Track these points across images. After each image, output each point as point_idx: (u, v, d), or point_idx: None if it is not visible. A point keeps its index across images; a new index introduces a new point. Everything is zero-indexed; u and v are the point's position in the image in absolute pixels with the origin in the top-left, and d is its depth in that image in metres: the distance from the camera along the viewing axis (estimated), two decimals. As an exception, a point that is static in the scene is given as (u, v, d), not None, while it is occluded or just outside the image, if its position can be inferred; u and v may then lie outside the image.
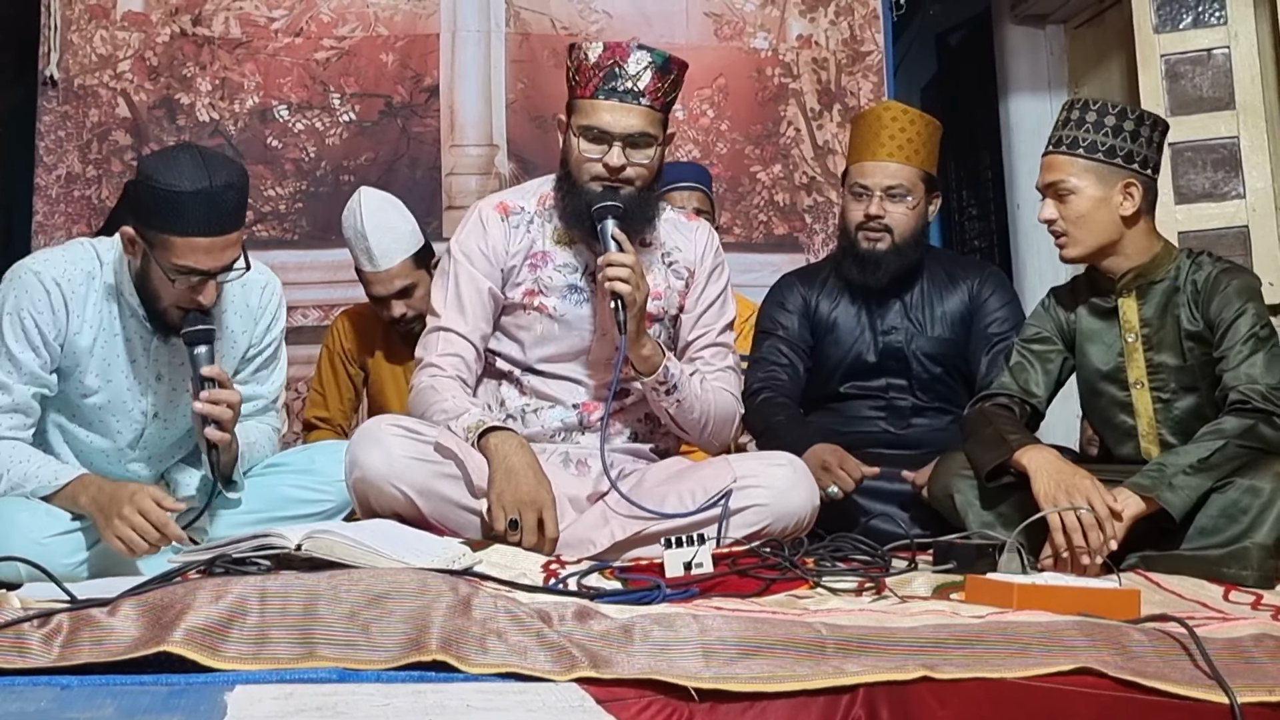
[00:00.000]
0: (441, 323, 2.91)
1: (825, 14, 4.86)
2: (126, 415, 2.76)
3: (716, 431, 2.96)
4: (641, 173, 2.83)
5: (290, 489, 2.85)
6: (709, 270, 3.02)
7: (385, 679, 1.75)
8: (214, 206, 2.51)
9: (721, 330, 3.02)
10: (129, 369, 2.73)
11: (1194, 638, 1.88)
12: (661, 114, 2.85)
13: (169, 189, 2.49)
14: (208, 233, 2.51)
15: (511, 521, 2.58)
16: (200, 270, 2.55)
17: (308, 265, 4.42)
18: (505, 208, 2.97)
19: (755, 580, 2.38)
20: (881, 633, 1.89)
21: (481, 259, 2.92)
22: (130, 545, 2.46)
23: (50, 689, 1.68)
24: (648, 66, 2.80)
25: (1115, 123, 2.82)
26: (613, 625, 1.89)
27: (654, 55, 2.82)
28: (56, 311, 2.63)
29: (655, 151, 2.84)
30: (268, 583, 1.90)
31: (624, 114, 2.79)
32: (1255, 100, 4.30)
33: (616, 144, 2.79)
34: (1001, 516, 2.76)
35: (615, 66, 2.79)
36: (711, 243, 3.06)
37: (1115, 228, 2.84)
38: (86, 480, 2.58)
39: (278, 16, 4.62)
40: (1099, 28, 5.19)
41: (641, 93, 2.79)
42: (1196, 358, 2.82)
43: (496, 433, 2.67)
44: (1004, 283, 3.65)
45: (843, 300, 3.55)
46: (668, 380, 2.83)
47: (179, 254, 2.52)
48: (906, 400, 3.51)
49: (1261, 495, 2.57)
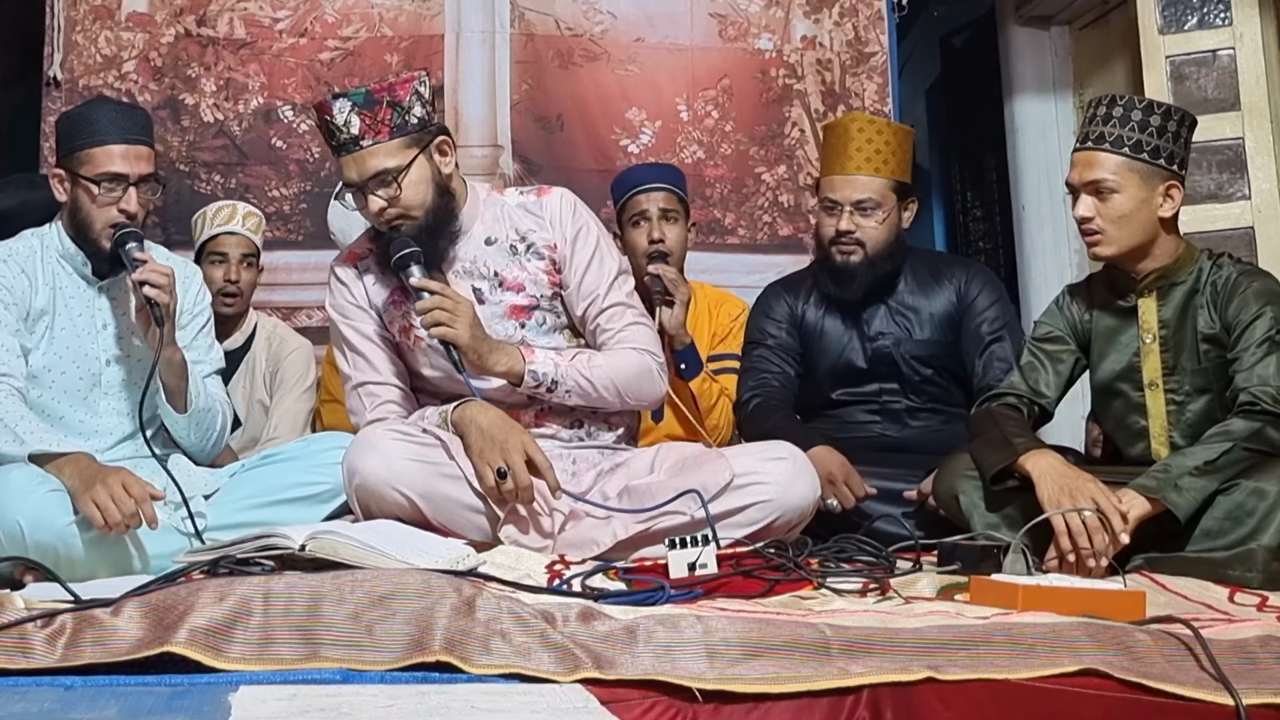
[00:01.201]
0: (355, 381, 2.94)
1: (830, 15, 4.85)
2: (84, 361, 2.90)
3: (633, 393, 2.90)
4: (404, 202, 2.79)
5: (287, 474, 2.87)
6: (571, 237, 2.96)
7: (389, 680, 1.75)
8: (122, 116, 2.90)
9: (609, 289, 2.95)
10: (79, 320, 2.91)
11: (1199, 639, 1.88)
12: (400, 137, 2.79)
13: (81, 112, 2.94)
14: (120, 140, 2.84)
15: (500, 471, 2.60)
16: (120, 174, 2.83)
17: (311, 266, 4.41)
18: (355, 256, 3.00)
19: (759, 581, 2.38)
20: (886, 634, 1.89)
21: (356, 311, 2.96)
22: (104, 512, 2.50)
23: (54, 689, 1.68)
24: (351, 110, 2.77)
25: (1160, 122, 2.79)
26: (616, 626, 1.89)
27: (351, 96, 2.79)
28: (16, 278, 2.87)
29: (404, 177, 2.79)
30: (271, 583, 1.90)
31: (354, 164, 2.80)
32: (1260, 101, 4.30)
33: (364, 194, 2.80)
34: (1006, 518, 2.75)
35: (329, 125, 2.80)
36: (565, 207, 2.98)
37: (1152, 228, 2.82)
38: (78, 457, 2.66)
39: (282, 17, 4.62)
40: (1103, 29, 5.18)
41: (358, 137, 2.78)
42: (1212, 360, 2.81)
43: (459, 408, 2.74)
44: (991, 280, 3.63)
45: (829, 307, 3.56)
46: (541, 380, 2.81)
47: (99, 162, 2.83)
48: (900, 403, 3.52)
49: (1268, 498, 2.56)
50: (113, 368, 2.93)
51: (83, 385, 2.90)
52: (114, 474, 2.57)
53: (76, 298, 2.93)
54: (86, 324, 2.93)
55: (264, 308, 4.35)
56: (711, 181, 4.72)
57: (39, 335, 2.87)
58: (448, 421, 2.76)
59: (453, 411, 2.76)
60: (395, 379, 2.94)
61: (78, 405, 2.89)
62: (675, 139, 4.73)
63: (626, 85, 4.70)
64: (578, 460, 2.91)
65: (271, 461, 2.93)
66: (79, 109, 2.99)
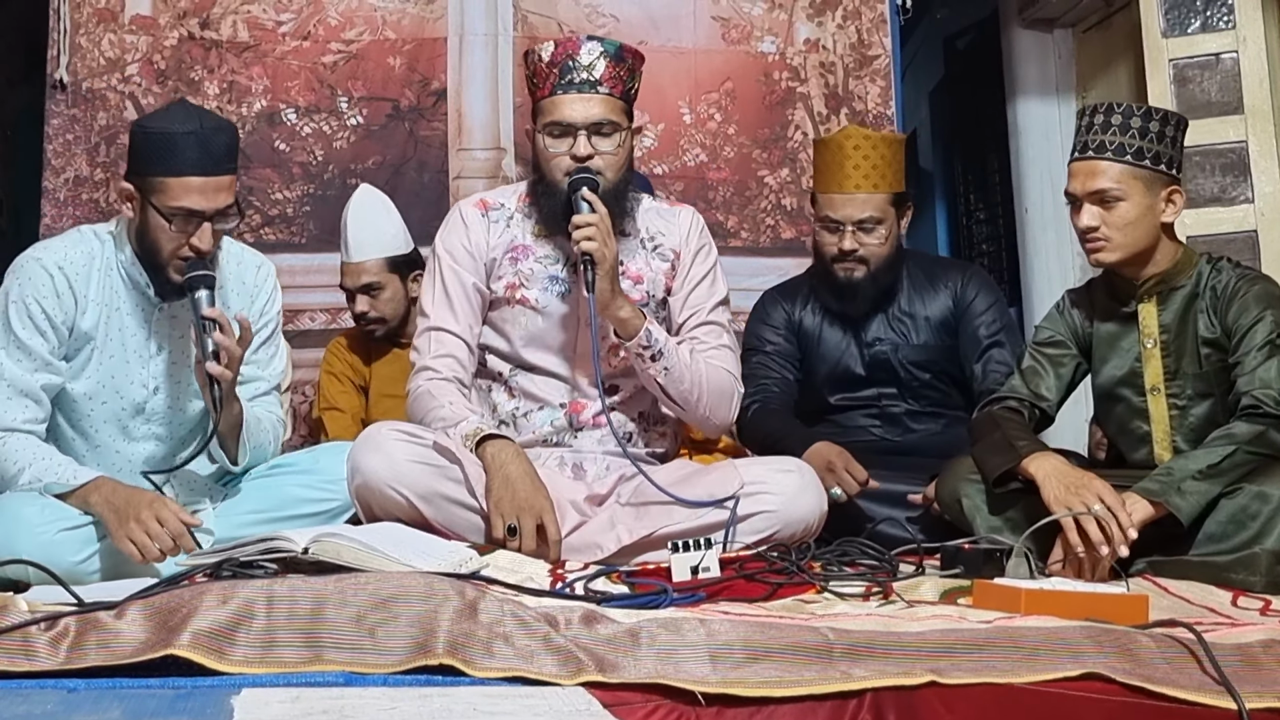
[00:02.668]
0: (432, 322, 2.93)
1: (833, 18, 4.85)
2: (129, 388, 2.78)
3: (713, 406, 2.92)
4: (611, 161, 2.84)
5: (295, 488, 2.84)
6: (695, 250, 3.03)
7: (392, 683, 1.75)
8: (205, 147, 2.63)
9: (712, 309, 3.01)
10: (131, 342, 2.78)
11: (1202, 643, 1.88)
12: (623, 102, 2.87)
13: (162, 132, 2.63)
14: (200, 172, 2.61)
15: (510, 528, 2.59)
16: (195, 210, 2.63)
17: (314, 269, 4.41)
18: (485, 204, 3.01)
19: (762, 585, 2.38)
20: (889, 637, 1.89)
21: (465, 255, 2.95)
22: (143, 550, 2.45)
23: (57, 692, 1.68)
24: (600, 55, 2.83)
25: (1159, 128, 2.79)
26: (619, 629, 1.88)
27: (605, 44, 2.87)
28: (62, 295, 2.70)
29: (621, 139, 2.86)
30: (275, 586, 1.90)
31: (584, 104, 2.82)
32: (1264, 105, 4.30)
33: (581, 134, 2.82)
34: (1009, 521, 2.75)
35: (569, 60, 2.83)
36: (696, 224, 3.07)
37: (1155, 234, 2.83)
38: (101, 482, 2.59)
39: (285, 20, 4.62)
40: (1107, 32, 5.18)
41: (599, 81, 2.82)
42: (1213, 364, 2.81)
43: (493, 441, 2.70)
44: (987, 282, 3.63)
45: (826, 314, 3.56)
46: (651, 345, 2.81)
47: (174, 195, 2.61)
48: (899, 407, 3.52)
49: (1271, 501, 2.56)
50: (160, 396, 2.81)
51: (124, 414, 2.79)
52: (146, 505, 2.49)
53: (133, 316, 2.78)
54: (138, 348, 2.79)
55: (267, 311, 4.35)
56: (714, 184, 4.72)
57: (84, 359, 2.74)
58: (472, 441, 2.72)
59: (485, 441, 2.71)
60: (468, 335, 2.94)
61: (115, 433, 2.80)
62: (678, 142, 4.73)
63: (629, 88, 4.71)
64: (611, 466, 2.92)
65: (280, 473, 2.89)
66: (158, 124, 2.67)
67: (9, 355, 2.68)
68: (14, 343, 2.68)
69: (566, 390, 2.93)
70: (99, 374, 2.76)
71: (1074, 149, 2.87)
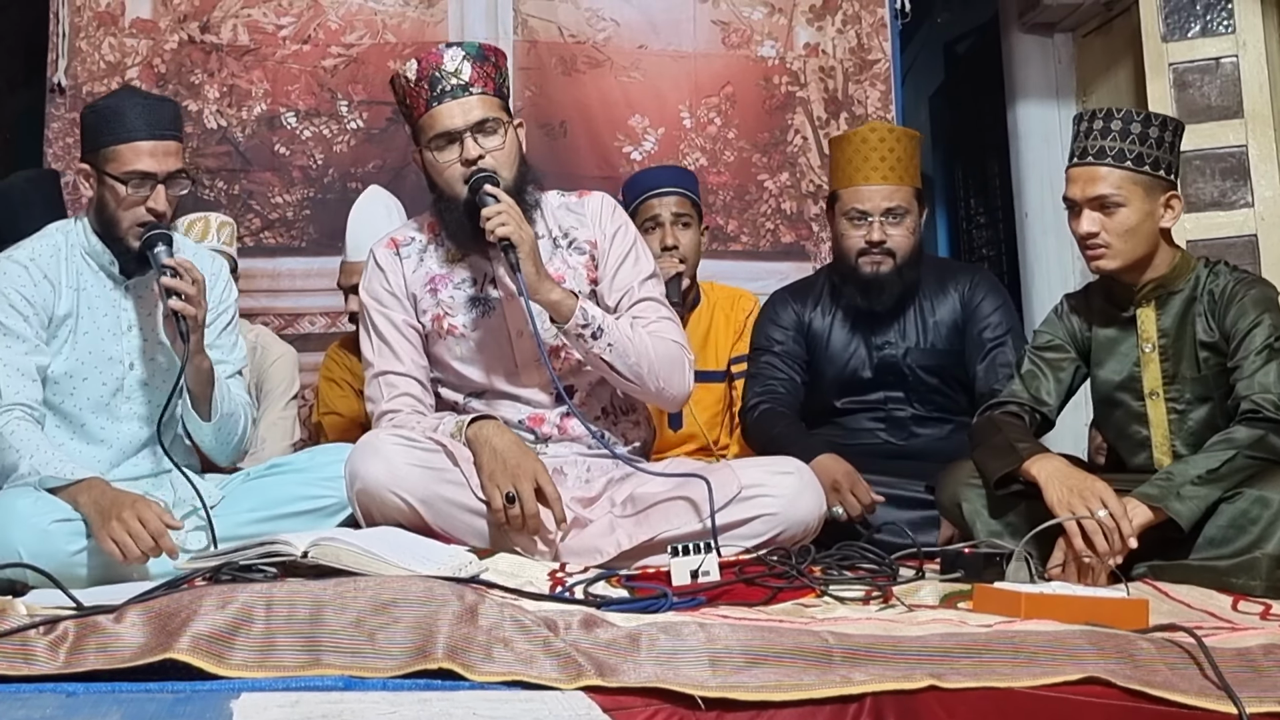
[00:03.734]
0: (377, 369, 2.95)
1: (833, 22, 4.86)
2: (106, 364, 2.87)
3: (665, 376, 2.88)
4: (502, 157, 2.84)
5: (292, 486, 2.86)
6: (610, 234, 3.01)
7: (391, 687, 1.74)
8: (151, 112, 2.80)
9: (643, 283, 2.98)
10: (104, 322, 2.88)
11: (1202, 648, 1.88)
12: (498, 98, 2.87)
13: (108, 106, 2.82)
14: (149, 136, 2.76)
15: (508, 495, 2.61)
16: (148, 173, 2.76)
17: (315, 272, 4.42)
18: (395, 242, 3.02)
19: (762, 589, 2.38)
20: (889, 642, 1.89)
21: (389, 297, 2.97)
22: (122, 548, 2.47)
23: (56, 696, 1.68)
24: (464, 59, 2.84)
25: (1158, 134, 2.78)
26: (619, 634, 1.88)
27: (466, 47, 2.87)
28: (38, 284, 2.83)
29: (507, 135, 2.85)
30: (274, 590, 1.90)
31: (461, 108, 2.82)
32: (1264, 109, 4.30)
33: (466, 137, 2.82)
34: (1009, 525, 2.75)
35: (435, 72, 2.83)
36: (606, 206, 3.05)
37: (1154, 239, 2.82)
38: (94, 482, 2.62)
39: (286, 24, 4.63)
40: (1107, 36, 5.18)
41: (469, 83, 2.83)
42: (1211, 368, 2.81)
43: (476, 423, 2.75)
44: (994, 285, 3.63)
45: (836, 316, 3.55)
46: (589, 322, 2.78)
47: (126, 160, 2.76)
48: (905, 411, 3.51)
49: (1271, 506, 2.56)
50: (136, 370, 2.90)
51: (105, 391, 2.87)
52: (129, 505, 2.52)
53: (102, 297, 2.89)
54: (111, 325, 2.89)
55: (267, 314, 4.36)
56: (714, 189, 4.73)
57: (61, 341, 2.84)
58: (462, 432, 2.76)
59: (468, 426, 2.76)
60: (416, 371, 2.95)
61: (99, 411, 2.87)
62: (678, 146, 4.74)
63: (629, 92, 4.71)
64: (592, 468, 2.92)
65: (277, 472, 2.91)
66: (105, 101, 2.88)
67: (1, 342, 2.78)
68: (1, 330, 2.79)
69: (521, 406, 2.93)
70: (77, 352, 2.85)
71: (1072, 155, 2.86)
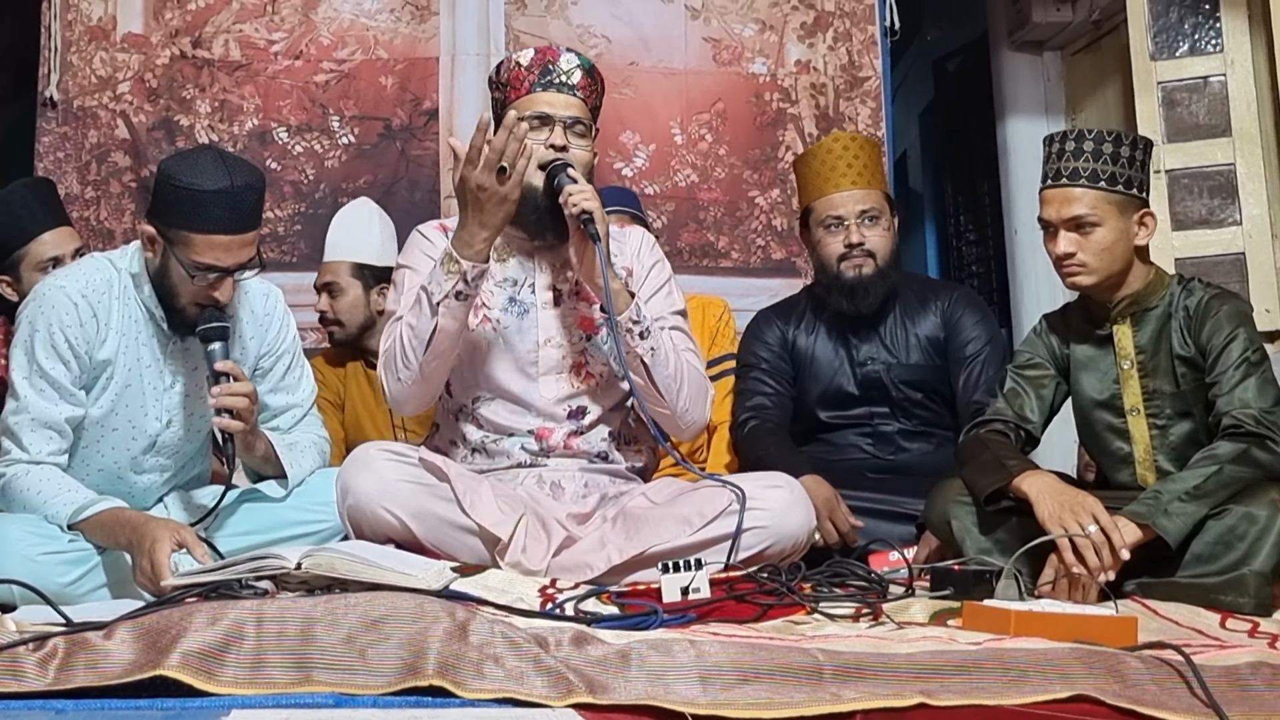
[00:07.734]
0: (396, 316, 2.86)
1: (824, 40, 4.88)
2: (142, 420, 2.78)
3: (692, 399, 2.87)
4: (582, 157, 2.84)
5: (286, 510, 2.84)
6: (649, 265, 3.03)
7: (382, 704, 1.74)
8: (234, 205, 2.59)
9: (674, 315, 2.99)
10: (147, 373, 2.78)
11: (1191, 665, 1.88)
12: (591, 112, 2.91)
13: (191, 188, 2.56)
14: (228, 230, 2.59)
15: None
16: (219, 267, 2.62)
17: (305, 288, 4.40)
18: (445, 228, 3.00)
19: (752, 606, 2.37)
20: (878, 659, 1.89)
21: (429, 263, 2.88)
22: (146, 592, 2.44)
23: (45, 713, 1.68)
24: (577, 66, 2.89)
25: (1129, 153, 2.82)
26: (610, 650, 1.88)
27: (581, 59, 2.92)
28: (85, 324, 2.69)
29: (590, 144, 2.89)
30: (264, 606, 1.89)
31: (563, 101, 2.85)
32: (1251, 127, 4.32)
33: (558, 125, 2.83)
34: (999, 543, 2.76)
35: (549, 65, 2.88)
36: (646, 242, 3.09)
37: (1129, 257, 2.86)
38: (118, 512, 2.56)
39: (277, 39, 4.63)
40: (1096, 54, 5.21)
41: (576, 86, 2.87)
42: (1190, 383, 2.83)
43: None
44: (975, 301, 3.67)
45: (819, 333, 3.59)
46: (641, 320, 2.78)
47: (199, 251, 2.60)
48: (891, 426, 3.53)
49: (1258, 522, 2.56)
50: (173, 429, 2.82)
51: (135, 446, 2.80)
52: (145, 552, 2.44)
53: (148, 347, 2.78)
54: (154, 380, 2.79)
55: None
56: (705, 205, 4.74)
57: (99, 388, 2.73)
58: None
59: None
60: None
61: (123, 463, 2.80)
62: (669, 162, 4.75)
63: (620, 108, 4.72)
64: (589, 484, 2.92)
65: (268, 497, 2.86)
66: (190, 181, 2.57)
67: (32, 386, 2.67)
68: (37, 372, 2.67)
69: (533, 416, 2.92)
70: (114, 401, 2.75)
71: (1045, 177, 2.89)
